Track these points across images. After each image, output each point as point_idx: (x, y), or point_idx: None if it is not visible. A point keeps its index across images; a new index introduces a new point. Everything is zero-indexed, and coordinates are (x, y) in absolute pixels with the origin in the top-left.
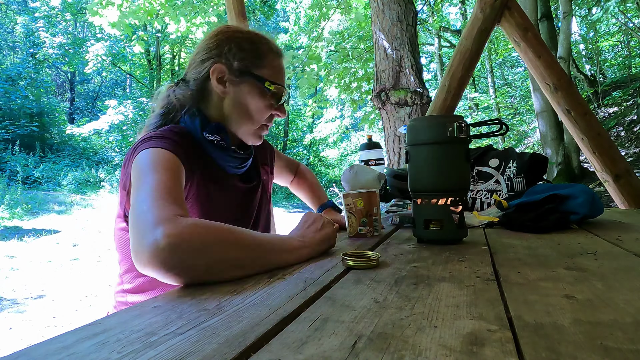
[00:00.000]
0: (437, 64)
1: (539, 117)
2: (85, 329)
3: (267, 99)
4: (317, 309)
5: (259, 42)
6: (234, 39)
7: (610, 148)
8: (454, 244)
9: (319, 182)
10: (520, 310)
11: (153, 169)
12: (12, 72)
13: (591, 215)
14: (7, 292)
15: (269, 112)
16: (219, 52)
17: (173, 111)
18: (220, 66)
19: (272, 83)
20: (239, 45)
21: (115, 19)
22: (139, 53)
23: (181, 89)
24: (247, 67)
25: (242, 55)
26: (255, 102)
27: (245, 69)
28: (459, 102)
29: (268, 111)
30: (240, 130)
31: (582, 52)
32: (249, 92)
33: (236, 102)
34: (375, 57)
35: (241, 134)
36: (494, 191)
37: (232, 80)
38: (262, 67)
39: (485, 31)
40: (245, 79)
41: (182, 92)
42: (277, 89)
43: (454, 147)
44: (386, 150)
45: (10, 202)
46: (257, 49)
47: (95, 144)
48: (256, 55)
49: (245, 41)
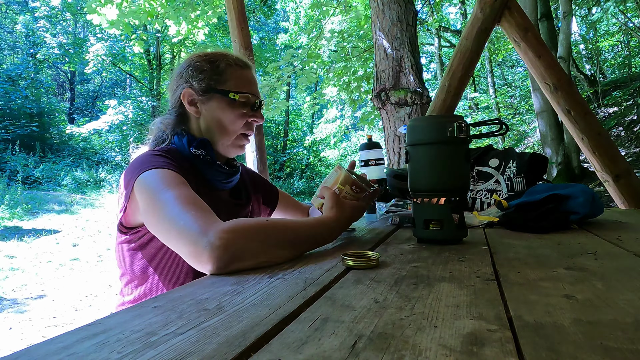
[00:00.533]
0: (437, 64)
1: (539, 117)
2: (85, 329)
3: (237, 108)
4: (317, 309)
5: (217, 59)
6: (194, 63)
7: (610, 148)
8: (454, 244)
9: None
10: (520, 310)
11: (166, 186)
12: (12, 72)
13: (591, 215)
14: (7, 292)
15: (243, 120)
16: (185, 79)
17: (163, 137)
18: (188, 90)
19: (236, 93)
20: (199, 68)
21: (114, 17)
22: (138, 53)
23: (166, 117)
24: (210, 84)
25: (202, 76)
26: (226, 114)
27: (208, 86)
28: (459, 102)
29: (242, 120)
30: (220, 144)
31: (582, 52)
32: (218, 107)
33: (210, 119)
34: (375, 57)
35: (222, 148)
36: (494, 191)
37: (201, 100)
38: (223, 81)
39: (485, 31)
40: (211, 95)
41: (167, 119)
42: (243, 97)
43: (454, 147)
44: (386, 150)
45: (10, 202)
46: (216, 67)
47: (95, 144)
48: (216, 72)
49: (204, 62)
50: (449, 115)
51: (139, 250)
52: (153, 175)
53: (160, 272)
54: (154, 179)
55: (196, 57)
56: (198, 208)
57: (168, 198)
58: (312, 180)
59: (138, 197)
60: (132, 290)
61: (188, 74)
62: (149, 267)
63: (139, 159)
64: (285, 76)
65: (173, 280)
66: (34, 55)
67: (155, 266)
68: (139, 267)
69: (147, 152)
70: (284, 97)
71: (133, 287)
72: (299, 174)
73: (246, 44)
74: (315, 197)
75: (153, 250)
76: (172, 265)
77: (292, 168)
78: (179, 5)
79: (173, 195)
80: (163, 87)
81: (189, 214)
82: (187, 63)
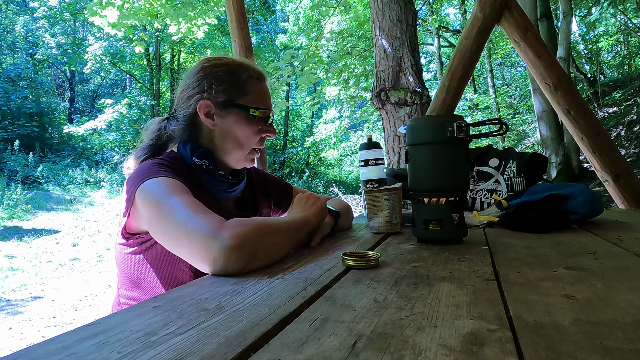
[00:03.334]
0: (437, 64)
1: (538, 117)
2: (85, 329)
3: (255, 124)
4: (317, 309)
5: (238, 71)
6: (214, 73)
7: (610, 148)
8: (454, 243)
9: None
10: (520, 310)
11: (170, 193)
12: (12, 72)
13: (591, 215)
14: (7, 292)
15: (258, 136)
16: (202, 89)
17: (161, 142)
18: (205, 102)
19: (256, 109)
20: (220, 79)
21: (114, 19)
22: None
23: (172, 124)
24: (231, 98)
25: (223, 88)
26: (243, 130)
27: (229, 100)
28: (458, 102)
29: (257, 135)
30: (231, 157)
31: (582, 52)
32: (236, 122)
33: (225, 133)
34: (375, 56)
35: (233, 161)
36: (493, 191)
37: (219, 114)
38: (244, 95)
39: (485, 31)
40: (230, 110)
41: (174, 127)
42: (262, 112)
43: (454, 147)
44: (386, 150)
45: (10, 202)
46: (237, 79)
47: (95, 144)
48: (237, 85)
49: (225, 73)
50: (449, 115)
51: (140, 253)
52: (156, 184)
53: (160, 273)
54: (157, 187)
55: (215, 66)
56: (204, 212)
57: (173, 205)
58: (312, 180)
59: (140, 206)
60: (130, 291)
61: (207, 84)
62: (149, 269)
63: (142, 167)
64: (285, 76)
65: (171, 283)
66: (33, 55)
67: (155, 267)
68: (137, 269)
69: (150, 161)
70: (284, 97)
71: (129, 288)
72: (298, 173)
73: (246, 44)
74: None
75: (155, 253)
76: (171, 267)
77: (292, 168)
78: (179, 5)
79: (178, 202)
80: (162, 87)
81: (196, 218)
82: (206, 72)
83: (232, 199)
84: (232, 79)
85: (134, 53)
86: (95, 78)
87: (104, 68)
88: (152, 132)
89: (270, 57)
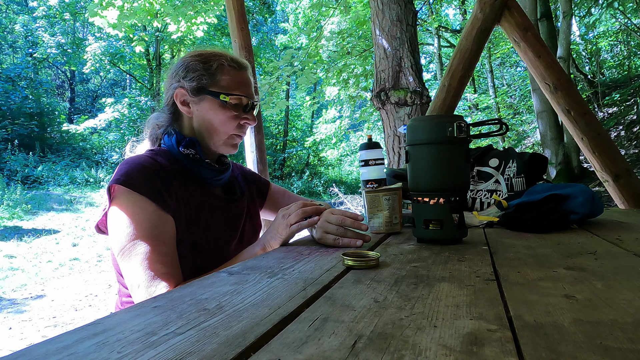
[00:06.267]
0: (437, 64)
1: (538, 117)
2: (85, 329)
3: (228, 110)
4: (317, 309)
5: (210, 60)
6: (187, 63)
7: (610, 148)
8: (454, 243)
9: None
10: (520, 310)
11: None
12: (12, 72)
13: (591, 215)
14: (7, 292)
15: (235, 122)
16: (178, 78)
17: (156, 134)
18: (180, 90)
19: (227, 94)
20: (192, 67)
21: (115, 19)
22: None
23: (160, 115)
24: (201, 85)
25: (195, 75)
26: (217, 116)
27: (200, 87)
28: (458, 102)
29: (234, 121)
30: (212, 143)
31: (582, 52)
32: (210, 108)
33: (201, 119)
34: (374, 57)
35: (214, 147)
36: (493, 191)
37: (193, 101)
38: (215, 82)
39: (485, 31)
40: (202, 96)
41: (161, 117)
42: (235, 99)
43: (454, 147)
44: (386, 150)
45: (10, 202)
46: (209, 67)
47: (94, 144)
48: (208, 73)
49: (197, 62)
50: (449, 115)
51: None
52: (124, 206)
53: None
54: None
55: (190, 56)
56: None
57: (130, 233)
58: (312, 180)
59: (109, 214)
60: (127, 291)
61: (181, 73)
62: None
63: (126, 163)
64: (285, 75)
65: None
66: (33, 55)
67: None
68: None
69: (134, 158)
70: (284, 97)
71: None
72: (298, 173)
73: (246, 44)
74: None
75: None
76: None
77: (292, 168)
78: (178, 4)
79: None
80: (162, 87)
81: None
82: (181, 62)
83: (220, 186)
84: (204, 67)
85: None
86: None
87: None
88: (149, 126)
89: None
